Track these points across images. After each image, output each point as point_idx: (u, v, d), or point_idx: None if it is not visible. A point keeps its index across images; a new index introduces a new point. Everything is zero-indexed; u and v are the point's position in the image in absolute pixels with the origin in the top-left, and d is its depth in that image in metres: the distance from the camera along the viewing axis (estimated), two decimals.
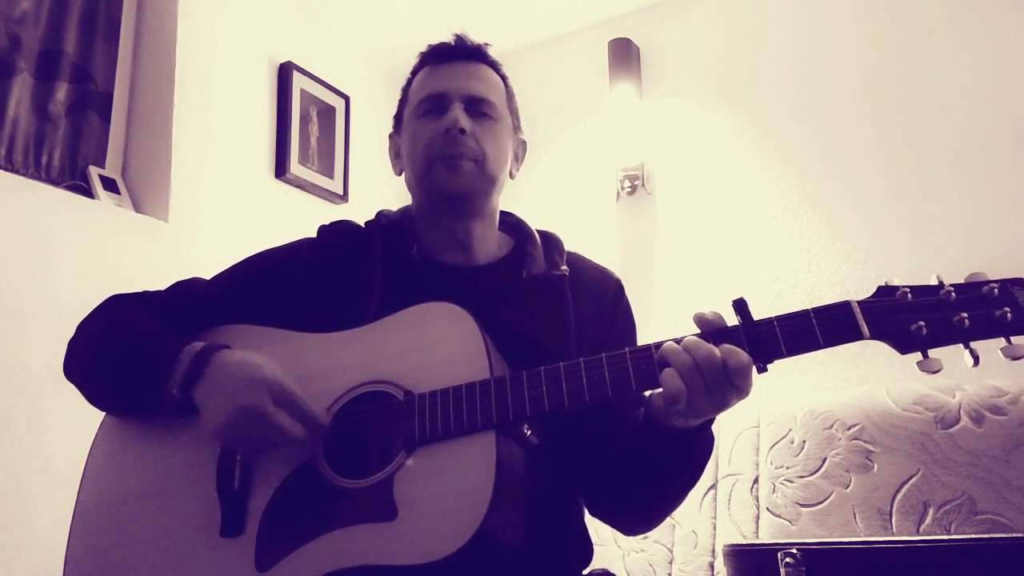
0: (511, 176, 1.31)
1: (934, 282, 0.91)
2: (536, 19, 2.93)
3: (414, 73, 1.30)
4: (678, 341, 0.95)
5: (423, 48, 1.31)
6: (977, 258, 2.14)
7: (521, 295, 1.21)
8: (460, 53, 1.27)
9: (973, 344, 0.88)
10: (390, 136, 1.35)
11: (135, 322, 1.17)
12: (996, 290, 0.88)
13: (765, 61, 2.62)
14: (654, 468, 1.07)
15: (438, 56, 1.27)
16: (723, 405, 0.95)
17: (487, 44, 1.29)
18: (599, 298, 1.26)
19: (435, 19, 2.80)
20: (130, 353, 1.13)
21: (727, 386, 0.92)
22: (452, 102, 1.22)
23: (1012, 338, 0.87)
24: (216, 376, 1.04)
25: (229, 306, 1.20)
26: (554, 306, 1.20)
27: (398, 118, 1.32)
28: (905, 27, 2.42)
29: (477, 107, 1.22)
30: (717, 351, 0.92)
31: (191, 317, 1.19)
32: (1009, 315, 0.87)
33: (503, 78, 1.31)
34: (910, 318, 0.90)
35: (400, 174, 1.31)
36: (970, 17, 2.33)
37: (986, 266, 0.97)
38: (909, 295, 0.91)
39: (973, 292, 0.89)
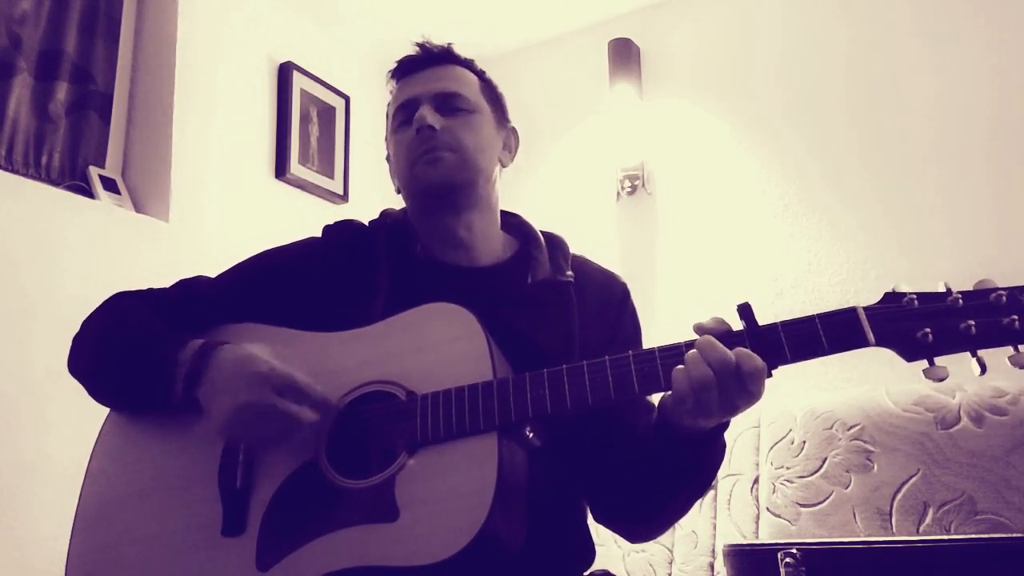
0: (503, 165, 1.30)
1: (941, 289, 0.89)
2: (536, 19, 2.93)
3: (392, 93, 1.30)
4: (691, 344, 0.94)
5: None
6: (978, 260, 2.16)
7: (526, 300, 1.20)
8: (426, 61, 1.27)
9: (980, 352, 0.87)
10: (387, 156, 1.35)
11: (138, 322, 1.17)
12: (1004, 297, 0.86)
13: (765, 61, 2.62)
14: (663, 472, 1.06)
15: (406, 69, 1.28)
16: (733, 408, 0.94)
17: (451, 44, 1.29)
18: (604, 303, 1.25)
19: (435, 19, 2.80)
20: (132, 353, 1.13)
21: (739, 390, 0.92)
22: (420, 104, 1.22)
23: (1020, 346, 0.86)
24: (217, 375, 1.04)
25: (233, 305, 1.20)
26: (559, 312, 1.20)
27: (388, 138, 1.33)
28: (904, 29, 2.42)
29: (447, 102, 1.22)
30: (731, 354, 0.91)
31: (196, 315, 1.19)
32: (1017, 323, 0.85)
33: (478, 74, 1.30)
34: (916, 325, 0.88)
35: (399, 192, 1.31)
36: (972, 19, 2.33)
37: (987, 268, 0.96)
38: (916, 302, 0.89)
39: (981, 299, 0.87)
